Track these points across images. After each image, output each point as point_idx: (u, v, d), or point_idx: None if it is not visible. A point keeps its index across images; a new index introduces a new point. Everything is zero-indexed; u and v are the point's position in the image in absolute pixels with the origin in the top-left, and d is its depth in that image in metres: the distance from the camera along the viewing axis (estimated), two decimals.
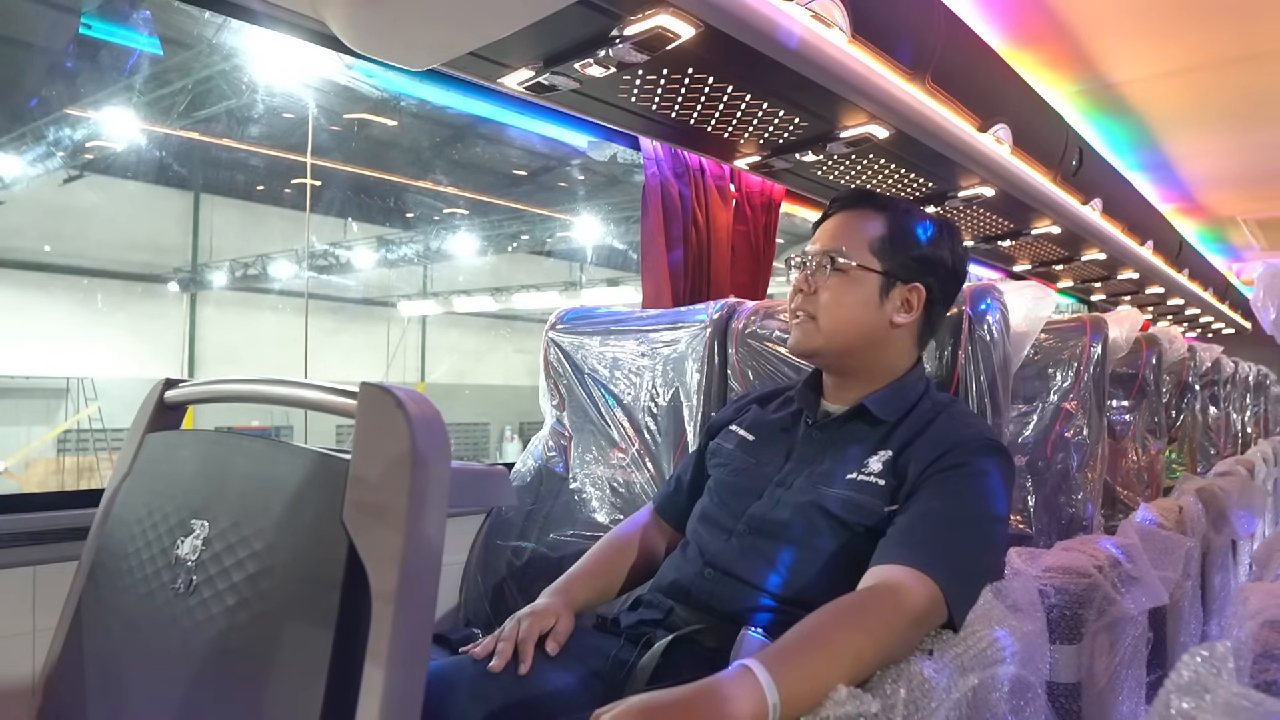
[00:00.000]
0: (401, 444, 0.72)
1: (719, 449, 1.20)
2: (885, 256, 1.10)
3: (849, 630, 0.84)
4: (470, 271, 15.15)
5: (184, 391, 1.07)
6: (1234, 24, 2.50)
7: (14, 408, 12.32)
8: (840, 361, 1.13)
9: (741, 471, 1.14)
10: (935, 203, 2.74)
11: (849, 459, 1.05)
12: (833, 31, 1.60)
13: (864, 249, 1.10)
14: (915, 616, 0.87)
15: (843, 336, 1.10)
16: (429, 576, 0.72)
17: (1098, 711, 1.38)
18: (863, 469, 1.03)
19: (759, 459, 1.13)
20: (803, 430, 1.13)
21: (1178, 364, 2.76)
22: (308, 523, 0.78)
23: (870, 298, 1.09)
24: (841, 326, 1.10)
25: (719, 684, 0.78)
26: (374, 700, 0.68)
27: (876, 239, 1.10)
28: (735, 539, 1.06)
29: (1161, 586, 1.55)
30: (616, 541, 1.26)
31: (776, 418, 1.19)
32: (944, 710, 0.85)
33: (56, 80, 9.08)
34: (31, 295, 11.96)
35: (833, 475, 1.04)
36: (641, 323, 1.68)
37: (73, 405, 12.71)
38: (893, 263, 1.10)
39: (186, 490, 0.94)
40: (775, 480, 1.09)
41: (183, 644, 0.83)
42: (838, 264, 1.09)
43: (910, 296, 1.11)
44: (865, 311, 1.09)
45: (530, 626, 1.01)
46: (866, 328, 1.10)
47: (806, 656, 0.81)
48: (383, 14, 1.25)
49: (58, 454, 12.48)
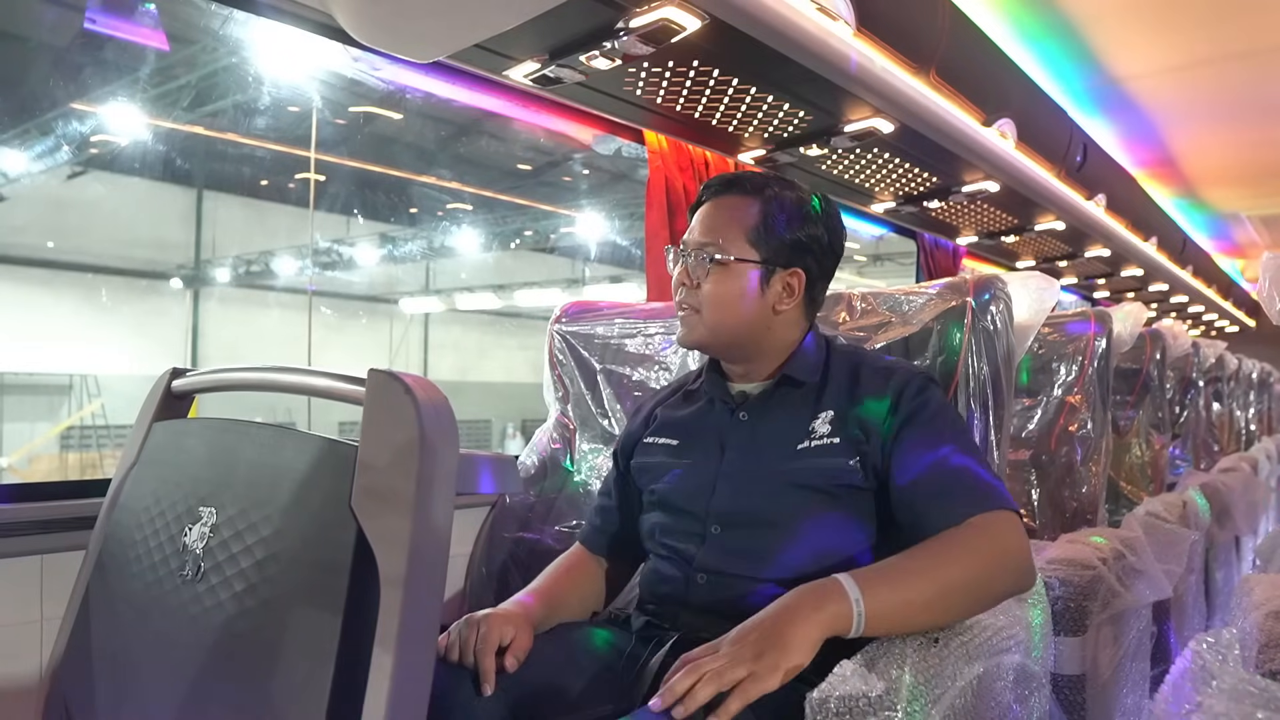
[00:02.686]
0: (410, 430, 0.72)
1: (645, 466, 1.17)
2: (761, 244, 1.08)
3: (934, 558, 0.90)
4: (472, 268, 15.16)
5: (191, 381, 1.08)
6: (1239, 19, 2.50)
7: (17, 404, 12.35)
8: (730, 351, 1.12)
9: (681, 477, 1.11)
10: (939, 198, 2.74)
11: (791, 429, 1.05)
12: (838, 24, 1.60)
13: (740, 239, 1.08)
14: (996, 542, 0.92)
15: (728, 328, 1.09)
16: (437, 562, 0.72)
17: (1102, 704, 1.38)
18: (811, 435, 1.03)
19: (693, 458, 1.11)
20: (727, 417, 1.11)
21: (1181, 360, 2.76)
22: (316, 509, 0.79)
23: (751, 288, 1.08)
24: (725, 319, 1.08)
25: (805, 591, 0.85)
26: (383, 685, 0.68)
27: (751, 227, 1.08)
28: (710, 540, 1.05)
29: (1165, 579, 1.56)
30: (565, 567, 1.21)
31: (690, 413, 1.16)
32: (949, 697, 0.85)
33: (60, 75, 9.08)
34: (35, 291, 11.98)
35: (784, 450, 1.04)
36: (646, 315, 1.68)
37: (76, 402, 12.73)
38: (769, 250, 1.08)
39: (194, 478, 0.94)
40: (721, 472, 1.07)
41: (191, 630, 0.83)
42: (716, 258, 1.07)
43: (791, 280, 1.09)
44: (748, 302, 1.08)
45: (488, 636, 0.95)
46: (751, 317, 1.08)
47: (894, 576, 0.88)
48: (389, 6, 1.25)
49: (61, 450, 12.51)
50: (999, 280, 1.27)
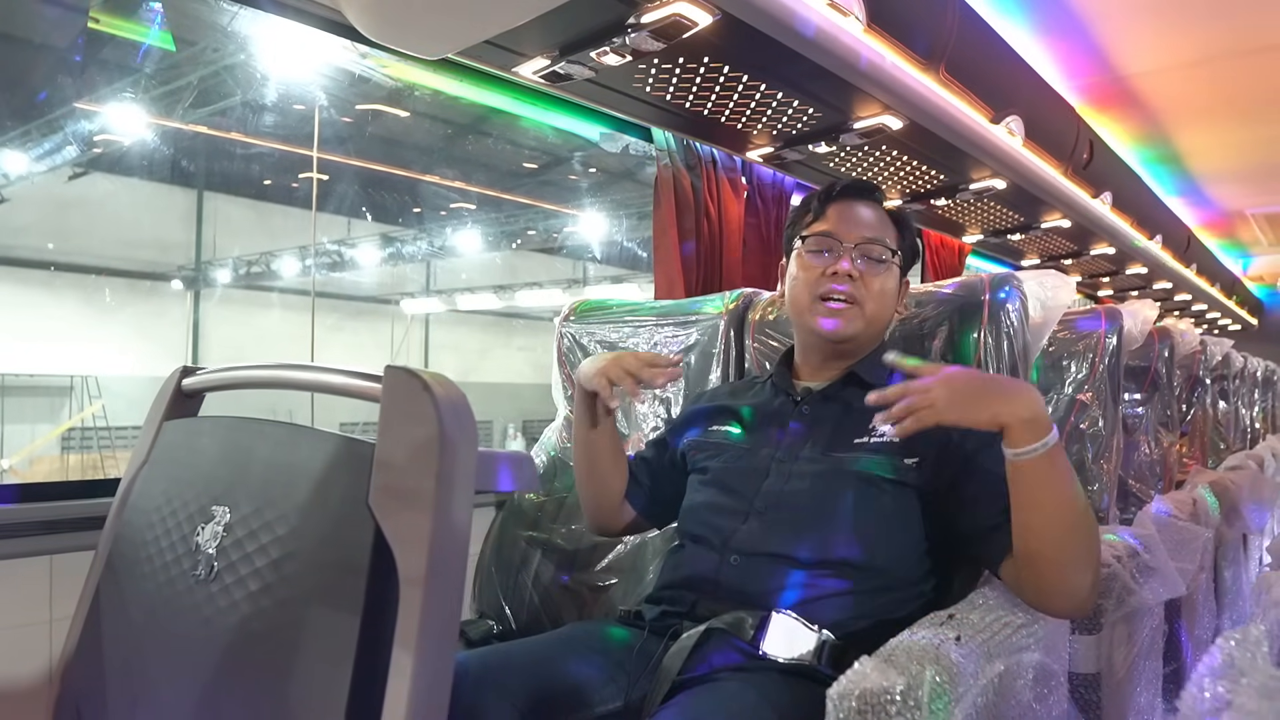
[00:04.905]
0: (428, 427, 0.72)
1: (700, 444, 1.21)
2: (899, 250, 1.17)
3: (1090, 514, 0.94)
4: (473, 269, 15.17)
5: (201, 379, 1.07)
6: (1245, 16, 2.50)
7: (18, 405, 12.35)
8: (860, 345, 1.16)
9: (740, 457, 1.15)
10: (946, 195, 2.74)
11: (851, 425, 1.08)
12: (849, 20, 1.59)
13: (893, 242, 1.16)
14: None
15: (880, 323, 1.16)
16: (457, 561, 0.72)
17: (1117, 702, 1.37)
18: (871, 433, 1.06)
19: (752, 444, 1.15)
20: (791, 409, 1.16)
21: (1189, 358, 2.75)
22: (333, 508, 0.78)
23: (896, 288, 1.18)
24: (882, 313, 1.16)
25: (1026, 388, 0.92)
26: (403, 685, 0.68)
27: (894, 234, 1.17)
28: (754, 519, 1.06)
29: (1179, 578, 1.55)
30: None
31: (756, 403, 1.21)
32: (971, 695, 0.84)
33: (63, 75, 9.07)
34: (36, 292, 11.99)
35: (842, 442, 1.08)
36: (654, 313, 1.67)
37: (76, 403, 12.74)
38: (905, 258, 1.19)
39: (207, 477, 0.93)
40: (777, 458, 1.10)
41: (204, 630, 0.82)
42: (891, 256, 1.15)
43: (903, 288, 1.20)
44: (893, 301, 1.18)
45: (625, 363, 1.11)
46: (890, 316, 1.18)
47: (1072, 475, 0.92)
48: (400, 2, 1.24)
49: (62, 452, 12.51)
50: (1015, 278, 1.27)
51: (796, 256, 1.17)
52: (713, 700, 0.87)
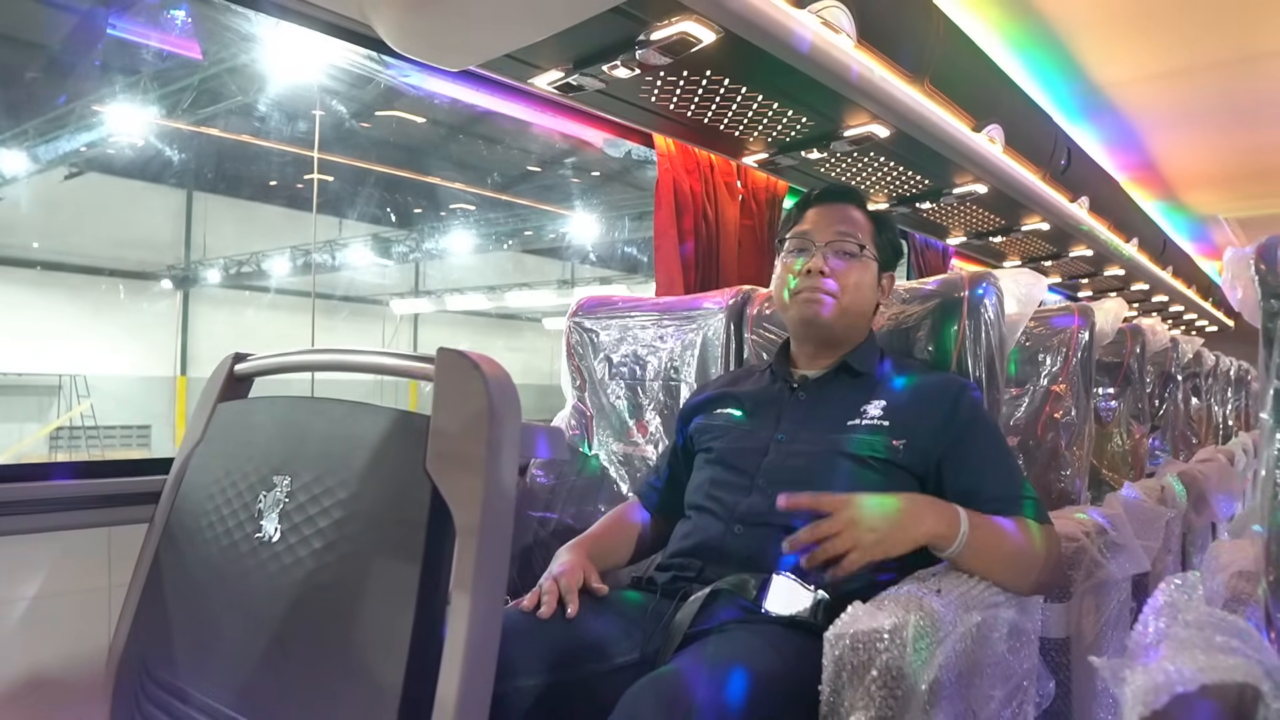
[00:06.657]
0: (479, 401, 0.82)
1: (706, 427, 1.31)
2: (878, 247, 1.28)
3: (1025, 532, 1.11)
4: (463, 270, 15.20)
5: (254, 364, 1.16)
6: (1218, 29, 2.61)
7: (6, 404, 12.30)
8: (843, 333, 1.28)
9: (742, 436, 1.26)
10: (931, 199, 2.86)
11: (844, 409, 1.20)
12: (840, 37, 1.71)
13: (869, 240, 1.27)
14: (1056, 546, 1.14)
15: (855, 313, 1.27)
16: (506, 514, 0.82)
17: (1085, 665, 1.49)
18: (862, 416, 1.18)
19: (753, 426, 1.26)
20: (789, 395, 1.27)
21: (1160, 354, 2.88)
22: (391, 472, 0.88)
23: (872, 282, 1.28)
24: (857, 304, 1.26)
25: (927, 502, 1.06)
26: (462, 623, 0.77)
27: (871, 232, 1.28)
28: (756, 493, 1.17)
29: (1143, 554, 1.67)
30: (616, 518, 1.39)
31: (756, 389, 1.32)
32: (951, 641, 0.96)
33: (64, 77, 9.07)
34: (25, 292, 11.95)
35: (835, 424, 1.19)
36: (659, 309, 1.78)
37: (65, 403, 12.70)
38: (882, 254, 1.29)
39: (265, 451, 1.01)
40: (776, 439, 1.22)
41: (270, 585, 0.91)
42: (860, 251, 1.25)
43: (885, 283, 1.31)
44: (870, 293, 1.28)
45: (569, 580, 1.12)
46: (867, 307, 1.29)
47: (991, 528, 1.08)
48: (429, 19, 1.35)
49: (50, 451, 12.47)
50: (992, 275, 1.38)
51: (780, 257, 1.31)
52: (722, 644, 0.98)
